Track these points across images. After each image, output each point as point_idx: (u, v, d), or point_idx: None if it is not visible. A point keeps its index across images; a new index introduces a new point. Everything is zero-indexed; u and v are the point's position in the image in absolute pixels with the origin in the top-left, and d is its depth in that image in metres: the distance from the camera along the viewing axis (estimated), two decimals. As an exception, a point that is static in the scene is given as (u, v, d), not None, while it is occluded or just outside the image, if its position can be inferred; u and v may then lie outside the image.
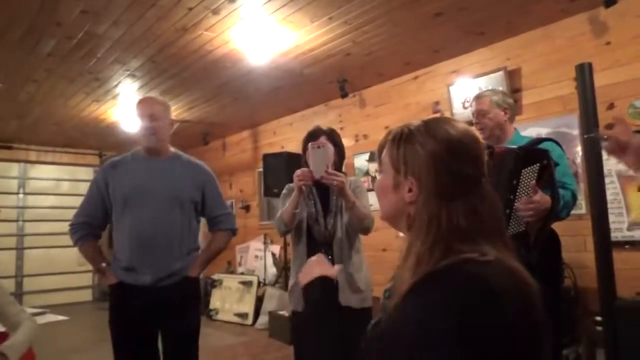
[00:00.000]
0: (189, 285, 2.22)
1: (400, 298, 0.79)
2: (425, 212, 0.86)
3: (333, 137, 2.18)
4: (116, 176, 2.20)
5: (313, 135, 2.17)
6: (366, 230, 2.14)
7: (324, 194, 2.17)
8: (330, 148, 2.11)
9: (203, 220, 2.36)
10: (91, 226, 2.21)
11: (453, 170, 0.86)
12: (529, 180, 1.93)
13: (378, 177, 0.92)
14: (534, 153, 1.98)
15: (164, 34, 3.52)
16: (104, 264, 2.18)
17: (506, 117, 2.34)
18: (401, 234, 0.95)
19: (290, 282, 2.24)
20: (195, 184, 2.27)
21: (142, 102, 2.26)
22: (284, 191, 2.26)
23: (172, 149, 2.32)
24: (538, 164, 1.92)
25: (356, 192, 2.15)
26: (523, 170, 1.94)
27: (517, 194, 1.93)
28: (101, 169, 2.28)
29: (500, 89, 3.37)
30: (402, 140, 0.91)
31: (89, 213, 2.22)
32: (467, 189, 0.86)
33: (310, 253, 2.04)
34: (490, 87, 3.61)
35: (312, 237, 2.13)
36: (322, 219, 2.12)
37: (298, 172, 2.04)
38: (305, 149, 2.18)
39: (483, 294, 0.75)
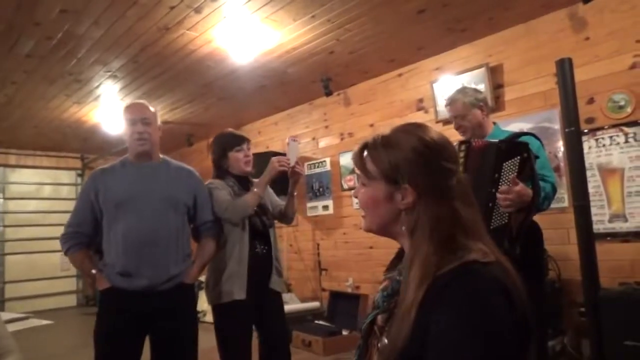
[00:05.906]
0: (185, 292, 2.18)
1: (412, 307, 0.79)
2: (428, 214, 0.86)
3: (249, 144, 2.54)
4: (106, 183, 2.14)
5: (237, 139, 2.46)
6: (292, 220, 2.61)
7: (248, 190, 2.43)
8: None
9: None
10: (81, 235, 2.16)
11: (439, 166, 0.88)
12: (510, 173, 1.95)
13: (361, 189, 0.97)
14: (515, 146, 2.01)
15: (145, 33, 3.48)
16: (93, 271, 2.12)
17: (484, 115, 2.35)
18: None
19: (230, 269, 2.30)
20: (188, 188, 2.25)
21: (133, 107, 2.20)
22: (214, 186, 2.38)
23: (161, 155, 2.30)
24: (519, 157, 1.95)
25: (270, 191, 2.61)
26: (504, 164, 1.96)
27: (499, 187, 1.95)
28: (90, 178, 2.22)
29: (473, 85, 3.44)
30: (384, 146, 0.91)
31: (78, 222, 2.17)
32: (452, 183, 0.88)
33: (252, 241, 2.39)
34: (472, 84, 3.66)
35: (252, 227, 2.40)
36: (262, 212, 2.44)
37: (277, 158, 2.39)
38: (227, 148, 2.43)
39: (504, 294, 0.77)
